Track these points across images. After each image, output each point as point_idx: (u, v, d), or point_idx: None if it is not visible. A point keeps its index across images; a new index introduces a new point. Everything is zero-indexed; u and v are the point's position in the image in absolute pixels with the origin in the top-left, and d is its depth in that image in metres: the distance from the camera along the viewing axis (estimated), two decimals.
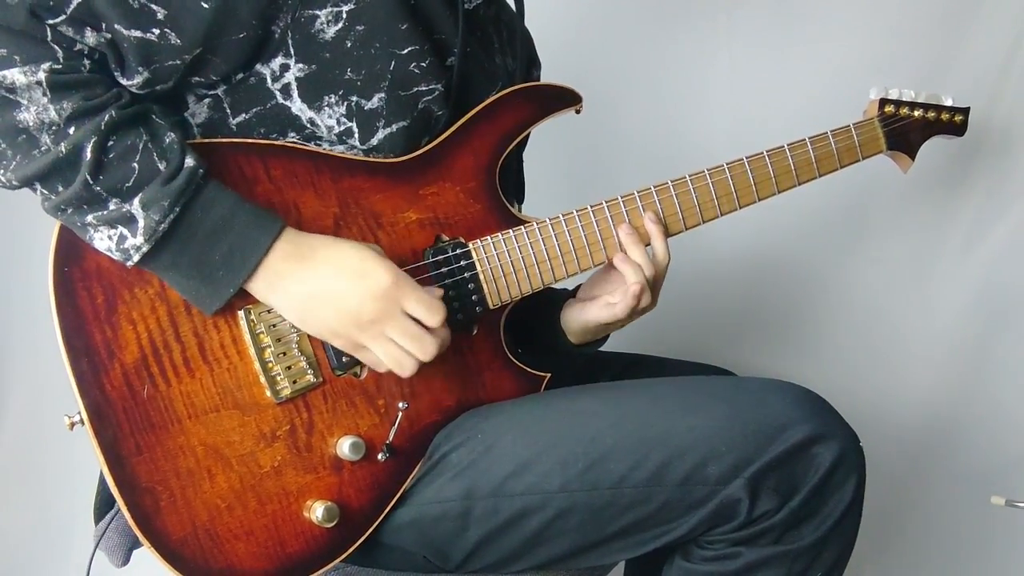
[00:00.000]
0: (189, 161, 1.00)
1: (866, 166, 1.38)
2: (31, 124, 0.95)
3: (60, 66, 0.96)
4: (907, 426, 2.02)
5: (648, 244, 1.24)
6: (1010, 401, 1.96)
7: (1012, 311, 1.94)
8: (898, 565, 2.06)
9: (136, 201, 0.98)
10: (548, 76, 1.44)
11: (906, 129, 1.41)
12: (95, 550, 1.17)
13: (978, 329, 1.97)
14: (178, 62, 1.03)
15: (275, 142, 1.11)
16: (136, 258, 0.99)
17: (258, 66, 1.08)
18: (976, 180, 1.93)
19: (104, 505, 1.20)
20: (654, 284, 1.24)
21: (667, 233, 1.25)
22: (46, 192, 0.98)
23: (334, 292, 1.04)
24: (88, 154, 0.96)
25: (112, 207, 0.98)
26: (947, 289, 1.98)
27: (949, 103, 1.45)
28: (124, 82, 1.02)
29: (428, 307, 1.06)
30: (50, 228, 1.03)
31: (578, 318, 1.29)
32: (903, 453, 2.02)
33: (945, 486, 2.02)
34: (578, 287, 1.34)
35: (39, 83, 0.95)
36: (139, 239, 0.99)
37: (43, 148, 0.96)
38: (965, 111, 1.46)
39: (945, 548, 2.03)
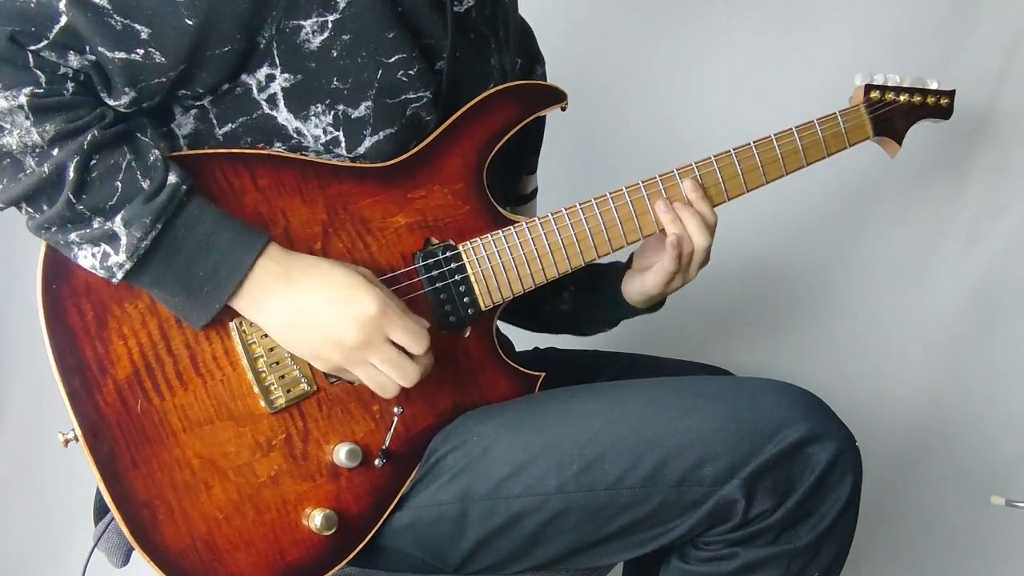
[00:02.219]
0: (172, 178, 1.00)
1: (864, 166, 1.38)
2: (15, 147, 0.95)
3: (42, 90, 0.96)
4: (906, 426, 2.02)
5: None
6: (1009, 401, 1.96)
7: (1011, 311, 1.94)
8: (897, 565, 2.07)
9: (118, 219, 0.98)
10: (549, 74, 1.43)
11: (892, 114, 1.41)
12: (93, 550, 1.18)
13: (977, 328, 1.97)
14: (164, 79, 1.02)
15: (261, 151, 1.11)
16: (119, 275, 0.99)
17: (243, 76, 1.07)
18: (975, 180, 1.93)
19: (103, 506, 1.19)
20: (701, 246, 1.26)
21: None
22: (31, 211, 0.98)
23: (318, 316, 1.03)
24: (71, 174, 0.96)
25: (95, 225, 0.98)
26: (945, 289, 1.98)
27: (934, 86, 1.44)
28: (111, 102, 1.02)
29: (413, 336, 1.05)
30: (42, 242, 1.02)
31: (639, 289, 1.31)
32: (902, 453, 2.02)
33: (945, 486, 2.02)
34: (631, 256, 1.36)
35: (20, 107, 0.94)
36: (121, 256, 0.98)
37: (28, 171, 0.96)
38: (951, 94, 1.45)
39: (945, 548, 2.04)
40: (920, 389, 2.01)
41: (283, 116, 1.10)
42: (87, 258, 0.99)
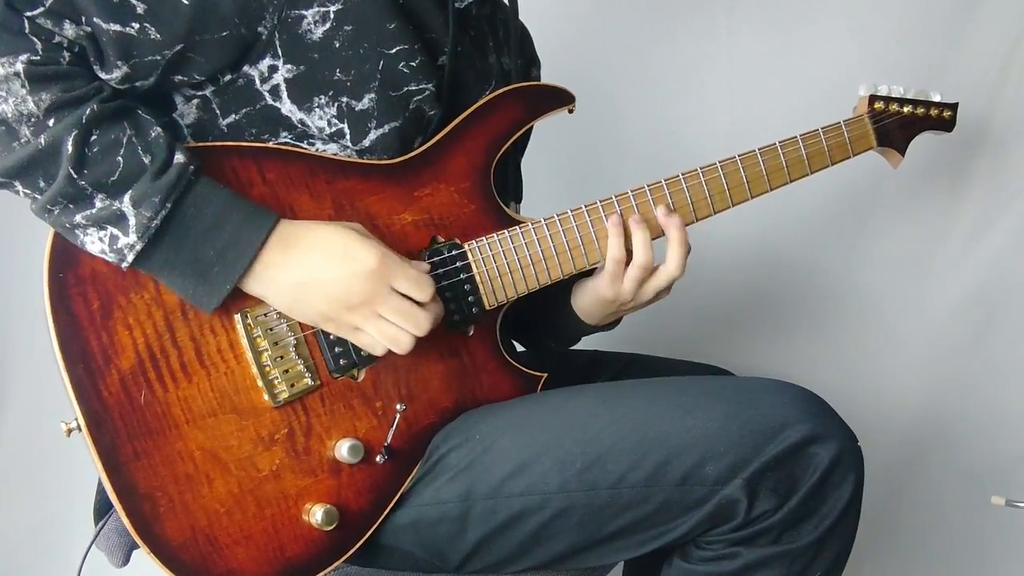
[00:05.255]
0: (179, 157, 1.00)
1: (864, 167, 1.38)
2: (10, 116, 0.95)
3: (38, 57, 0.96)
4: (907, 426, 2.02)
5: (656, 236, 1.24)
6: (1009, 401, 1.96)
7: (1011, 311, 1.94)
8: (898, 565, 2.06)
9: (126, 198, 0.98)
10: (547, 75, 1.44)
11: (895, 125, 1.41)
12: (88, 548, 1.18)
13: (977, 328, 1.97)
14: (158, 57, 1.02)
15: (269, 144, 1.11)
16: (130, 258, 0.99)
17: (246, 67, 1.08)
18: (975, 180, 1.93)
19: (104, 505, 1.19)
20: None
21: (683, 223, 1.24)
22: (29, 191, 0.98)
23: (322, 278, 1.03)
24: (69, 147, 0.95)
25: (100, 204, 0.97)
26: (946, 288, 1.98)
27: (937, 99, 1.45)
28: (103, 76, 1.02)
29: (416, 282, 1.06)
30: (48, 232, 1.02)
31: (588, 287, 1.27)
32: (903, 453, 2.02)
33: (945, 486, 2.02)
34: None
35: (17, 74, 0.94)
36: (132, 237, 0.98)
37: (23, 140, 0.96)
38: (953, 106, 1.46)
39: (945, 548, 2.04)
40: (920, 389, 2.01)
41: (287, 107, 1.10)
42: (95, 243, 0.99)
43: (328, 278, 1.03)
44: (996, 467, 1.97)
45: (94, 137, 0.97)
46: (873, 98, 1.41)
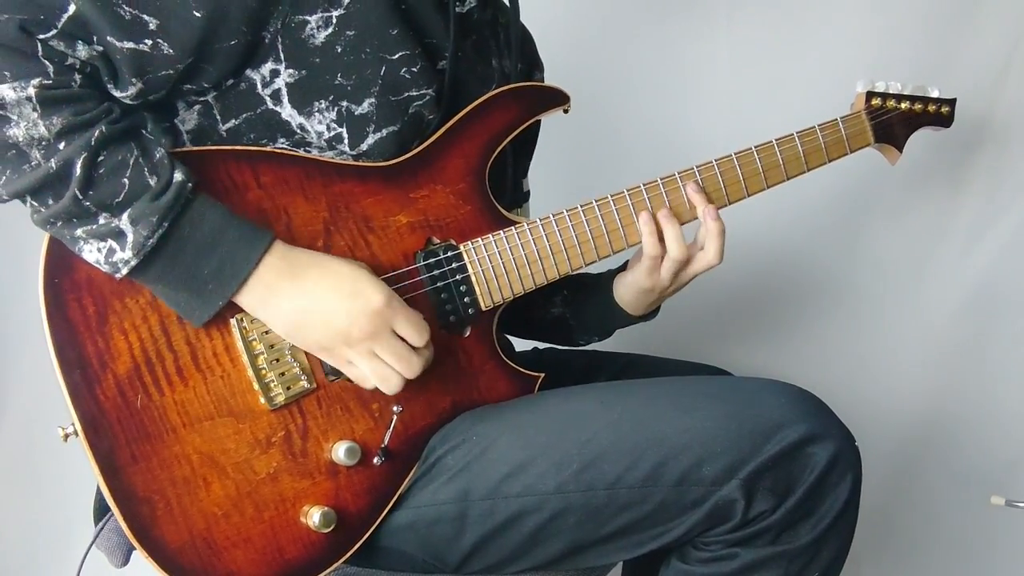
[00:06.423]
0: (178, 176, 1.00)
1: (864, 167, 1.37)
2: (21, 140, 0.95)
3: (50, 81, 0.95)
4: (906, 426, 2.02)
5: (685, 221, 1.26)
6: (1009, 401, 1.95)
7: (1011, 310, 1.94)
8: (897, 565, 2.06)
9: (125, 216, 0.98)
10: (550, 77, 1.44)
11: (893, 121, 1.41)
12: (88, 549, 1.18)
13: (977, 328, 1.97)
14: (171, 72, 1.02)
15: (264, 148, 1.11)
16: (124, 271, 0.99)
17: (248, 71, 1.08)
18: (975, 180, 1.93)
19: (104, 506, 1.19)
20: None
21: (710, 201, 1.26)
22: (36, 204, 0.98)
23: (326, 310, 1.04)
24: (78, 169, 0.96)
25: (102, 221, 0.98)
26: (945, 288, 1.98)
27: (935, 95, 1.45)
28: (117, 94, 1.02)
29: (416, 328, 1.07)
30: (43, 237, 1.02)
31: (627, 282, 1.31)
32: (902, 452, 2.02)
33: (945, 486, 2.02)
34: (626, 262, 1.35)
35: (29, 99, 0.94)
36: (127, 253, 0.98)
37: (33, 163, 0.96)
38: (951, 102, 1.46)
39: (945, 548, 2.03)
40: (920, 389, 2.01)
41: (287, 112, 1.10)
42: (92, 252, 0.99)
43: (332, 310, 1.04)
44: (996, 467, 1.96)
45: (101, 158, 0.97)
46: (870, 94, 1.41)
